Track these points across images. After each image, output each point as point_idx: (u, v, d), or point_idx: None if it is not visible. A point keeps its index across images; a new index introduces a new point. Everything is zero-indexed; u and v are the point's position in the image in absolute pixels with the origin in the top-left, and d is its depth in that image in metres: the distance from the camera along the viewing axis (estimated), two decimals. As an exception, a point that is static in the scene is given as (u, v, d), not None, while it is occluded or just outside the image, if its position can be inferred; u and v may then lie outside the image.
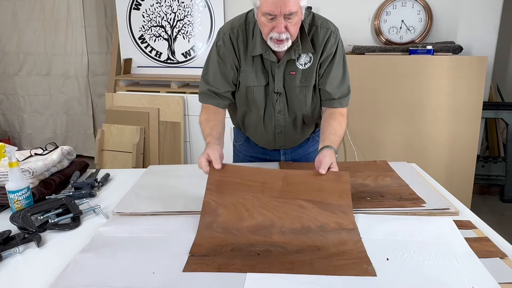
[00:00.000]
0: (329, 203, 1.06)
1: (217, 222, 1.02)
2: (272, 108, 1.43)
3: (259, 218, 1.02)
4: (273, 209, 1.05)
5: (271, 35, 1.20)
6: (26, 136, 4.24)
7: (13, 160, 1.13)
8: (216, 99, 1.40)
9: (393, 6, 2.91)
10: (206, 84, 1.40)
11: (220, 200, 1.07)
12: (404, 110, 2.64)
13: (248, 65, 1.36)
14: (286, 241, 0.94)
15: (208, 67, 1.39)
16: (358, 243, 0.94)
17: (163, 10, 3.41)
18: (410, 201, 1.18)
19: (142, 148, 3.21)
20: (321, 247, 0.92)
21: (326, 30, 1.32)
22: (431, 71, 2.55)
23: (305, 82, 1.37)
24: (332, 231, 0.98)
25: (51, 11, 3.84)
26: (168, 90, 3.25)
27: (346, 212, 1.04)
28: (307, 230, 0.99)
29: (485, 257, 0.90)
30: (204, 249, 0.92)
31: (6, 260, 0.96)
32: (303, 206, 1.05)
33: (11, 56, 4.03)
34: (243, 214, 1.04)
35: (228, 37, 1.33)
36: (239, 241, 0.95)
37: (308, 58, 1.33)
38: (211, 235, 0.98)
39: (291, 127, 1.47)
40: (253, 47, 1.32)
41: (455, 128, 2.59)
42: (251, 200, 1.07)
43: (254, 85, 1.38)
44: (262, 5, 1.16)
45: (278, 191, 1.10)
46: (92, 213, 1.19)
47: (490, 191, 3.18)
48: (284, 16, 1.15)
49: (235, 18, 1.36)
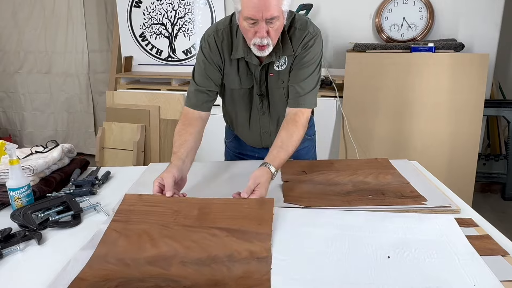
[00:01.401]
0: (246, 230, 0.99)
1: (113, 252, 0.93)
2: (256, 110, 1.45)
3: (163, 248, 0.94)
4: (181, 238, 0.97)
5: (254, 41, 1.20)
6: (27, 134, 4.24)
7: (13, 157, 1.13)
8: (202, 96, 1.36)
9: (394, 3, 2.90)
10: (193, 85, 1.38)
11: (123, 230, 1.00)
12: (405, 107, 2.63)
13: (233, 68, 1.36)
14: (184, 274, 0.85)
15: (195, 69, 1.39)
16: (264, 276, 0.84)
17: (163, 7, 3.40)
18: (411, 198, 1.18)
19: (142, 146, 3.21)
20: (219, 282, 0.83)
21: (303, 32, 1.30)
22: (433, 69, 2.54)
23: (282, 84, 1.38)
24: (240, 261, 0.89)
25: (52, 9, 3.83)
26: (168, 88, 3.25)
27: (262, 240, 0.96)
28: (212, 260, 0.90)
29: (487, 255, 0.89)
30: (85, 284, 0.83)
31: (7, 257, 0.96)
32: (216, 234, 0.98)
33: (11, 54, 4.03)
34: (145, 244, 0.96)
35: (213, 39, 1.33)
36: (130, 275, 0.85)
37: (283, 60, 1.34)
38: (101, 266, 0.88)
39: (275, 128, 1.48)
40: (236, 50, 1.32)
41: (457, 125, 2.58)
42: (159, 229, 1.00)
43: (239, 88, 1.39)
44: (244, 9, 1.15)
45: (192, 220, 1.04)
46: (93, 211, 1.19)
47: (491, 189, 3.18)
48: (266, 20, 1.15)
49: (220, 21, 1.36)
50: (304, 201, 1.19)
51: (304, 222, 1.07)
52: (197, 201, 1.12)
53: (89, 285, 0.83)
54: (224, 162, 1.63)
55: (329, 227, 1.04)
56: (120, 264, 0.90)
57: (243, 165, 1.51)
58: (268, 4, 1.12)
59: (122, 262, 0.90)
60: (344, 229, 1.03)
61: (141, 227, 1.02)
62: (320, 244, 0.97)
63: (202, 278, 0.84)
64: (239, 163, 1.56)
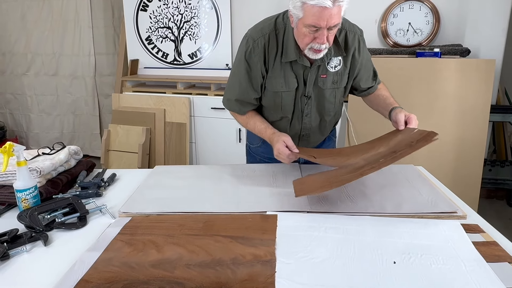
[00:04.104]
0: (250, 237, 1.01)
1: (118, 257, 0.94)
2: (300, 112, 1.45)
3: (167, 253, 0.95)
4: (186, 243, 0.99)
5: (311, 45, 1.23)
6: (33, 135, 4.27)
7: (21, 159, 1.14)
8: (243, 107, 1.45)
9: (400, 8, 2.90)
10: (233, 91, 1.43)
11: (129, 241, 1.02)
12: (411, 112, 2.61)
13: (277, 71, 1.37)
14: (188, 277, 0.85)
15: (235, 74, 1.41)
16: (269, 279, 0.85)
17: (170, 11, 3.42)
18: (422, 141, 1.17)
19: (148, 148, 3.22)
20: (223, 284, 0.83)
21: (354, 34, 1.37)
22: (438, 74, 2.53)
23: (335, 84, 1.41)
24: (244, 264, 0.90)
25: (59, 12, 3.87)
26: (174, 91, 3.26)
27: (267, 245, 0.98)
28: (216, 263, 0.91)
29: (493, 262, 0.89)
30: (90, 286, 0.84)
31: (13, 258, 0.97)
32: (220, 241, 1.00)
33: (19, 56, 4.07)
34: (151, 250, 0.97)
35: (258, 43, 1.33)
36: (134, 277, 0.86)
37: (337, 61, 1.37)
38: (106, 269, 0.89)
39: (316, 129, 1.52)
40: (286, 54, 1.33)
41: (462, 131, 2.57)
42: (164, 238, 1.02)
43: (283, 91, 1.40)
44: (307, 17, 1.16)
45: (196, 230, 1.06)
46: (99, 213, 1.20)
47: (497, 195, 3.15)
48: (328, 28, 1.17)
49: (264, 24, 1.36)
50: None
51: (309, 227, 1.07)
52: (202, 216, 1.14)
53: (94, 287, 0.83)
54: (262, 164, 1.59)
55: (334, 231, 1.04)
56: (124, 267, 0.90)
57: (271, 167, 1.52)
58: (334, 13, 1.14)
59: (127, 265, 0.91)
60: (350, 234, 1.03)
61: (147, 238, 1.03)
62: (325, 249, 0.96)
63: (206, 280, 0.84)
64: (269, 166, 1.54)
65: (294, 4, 1.18)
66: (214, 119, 3.12)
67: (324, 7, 1.12)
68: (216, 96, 3.12)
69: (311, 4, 1.13)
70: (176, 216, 1.15)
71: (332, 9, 1.13)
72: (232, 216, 1.14)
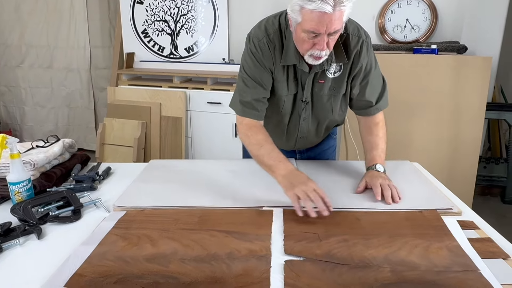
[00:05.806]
0: (245, 233, 1.01)
1: (113, 251, 0.94)
2: (297, 116, 1.40)
3: (162, 247, 0.95)
4: (181, 238, 0.99)
5: (311, 52, 1.15)
6: (27, 128, 4.24)
7: (14, 151, 1.13)
8: (255, 111, 1.31)
9: (398, 4, 2.90)
10: (244, 94, 1.31)
11: (123, 234, 1.01)
12: (407, 109, 2.63)
13: (282, 74, 1.30)
14: (183, 271, 0.85)
15: (244, 76, 1.31)
16: (264, 274, 0.84)
17: (166, 4, 3.40)
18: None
19: (143, 142, 3.21)
20: (218, 279, 0.83)
21: (357, 38, 1.26)
22: (435, 71, 2.54)
23: (333, 91, 1.33)
24: (239, 259, 0.90)
25: (54, 4, 3.82)
26: (170, 85, 3.25)
27: (262, 240, 0.97)
28: (212, 257, 0.90)
29: (488, 258, 0.89)
30: (84, 280, 0.83)
31: (6, 251, 0.96)
32: (215, 235, 1.00)
33: (13, 48, 4.02)
34: (145, 244, 0.97)
35: (264, 44, 1.26)
36: (129, 271, 0.86)
37: (338, 67, 1.29)
38: (100, 263, 0.89)
39: (313, 133, 1.47)
40: (285, 57, 1.26)
41: (458, 128, 2.58)
42: (159, 232, 1.02)
43: (285, 95, 1.33)
44: (305, 22, 1.08)
45: (191, 225, 1.05)
46: (93, 206, 1.19)
47: (491, 192, 3.18)
48: (328, 33, 1.10)
49: (268, 24, 1.28)
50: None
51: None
52: (197, 211, 1.14)
53: (88, 281, 0.83)
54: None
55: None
56: (119, 261, 0.90)
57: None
58: (334, 19, 1.06)
59: (121, 259, 0.90)
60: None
61: (142, 232, 1.02)
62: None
63: (201, 275, 0.84)
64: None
65: (292, 7, 1.10)
66: (210, 113, 3.11)
67: (323, 12, 1.04)
68: (213, 91, 3.11)
69: (310, 8, 1.05)
70: (171, 210, 1.15)
71: (332, 14, 1.04)
72: (228, 211, 1.14)
